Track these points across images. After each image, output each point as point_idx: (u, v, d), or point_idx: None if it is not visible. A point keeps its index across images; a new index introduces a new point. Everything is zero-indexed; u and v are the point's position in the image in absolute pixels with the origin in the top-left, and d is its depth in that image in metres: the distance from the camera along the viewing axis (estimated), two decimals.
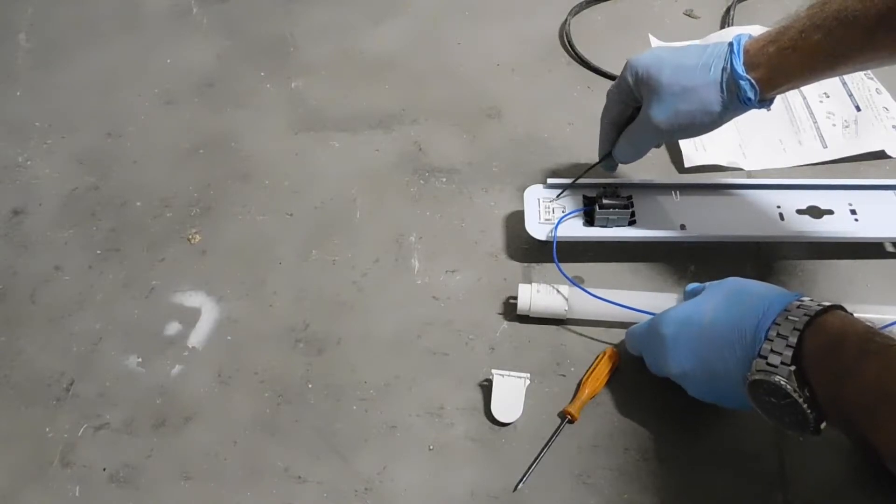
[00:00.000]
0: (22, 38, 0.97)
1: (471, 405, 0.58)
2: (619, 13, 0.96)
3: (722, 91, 0.56)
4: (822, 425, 0.44)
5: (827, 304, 0.45)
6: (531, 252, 0.68)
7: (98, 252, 0.71)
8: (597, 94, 0.85)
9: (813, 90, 0.82)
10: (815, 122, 0.78)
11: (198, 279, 0.68)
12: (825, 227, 0.65)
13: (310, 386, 0.60)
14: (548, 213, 0.67)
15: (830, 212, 0.66)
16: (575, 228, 0.66)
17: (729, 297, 0.50)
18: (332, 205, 0.74)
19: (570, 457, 0.55)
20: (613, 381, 0.59)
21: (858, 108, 0.79)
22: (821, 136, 0.77)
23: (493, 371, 0.58)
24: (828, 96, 0.81)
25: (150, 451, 0.57)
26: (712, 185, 0.70)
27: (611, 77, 0.86)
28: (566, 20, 0.94)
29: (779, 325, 0.45)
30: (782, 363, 0.43)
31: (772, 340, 0.44)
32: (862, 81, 0.81)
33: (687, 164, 0.75)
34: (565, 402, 0.58)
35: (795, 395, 0.43)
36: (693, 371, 0.51)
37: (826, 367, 0.43)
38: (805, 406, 0.43)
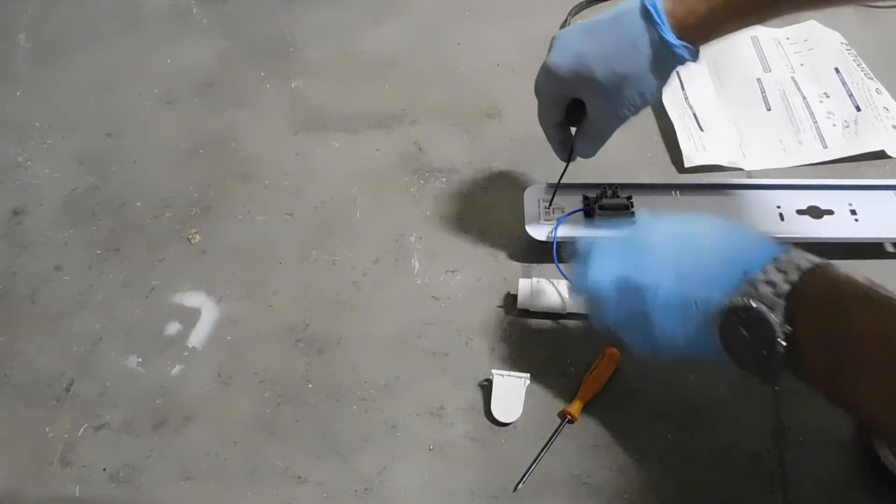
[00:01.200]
0: (22, 38, 0.97)
1: (471, 405, 0.58)
2: None
3: (660, 66, 0.55)
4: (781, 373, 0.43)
5: (821, 260, 0.44)
6: (531, 252, 0.68)
7: (98, 252, 0.71)
8: None
9: (813, 90, 0.82)
10: (815, 122, 0.78)
11: (198, 279, 0.68)
12: (825, 228, 0.65)
13: (310, 386, 0.60)
14: (548, 214, 0.67)
15: (830, 212, 0.66)
16: (575, 229, 0.66)
17: (729, 226, 0.49)
18: (332, 205, 0.74)
19: (570, 457, 0.55)
20: (613, 381, 0.59)
21: (858, 108, 0.79)
22: (821, 136, 0.77)
23: (493, 371, 0.58)
24: (828, 96, 0.81)
25: (150, 451, 0.57)
26: (712, 185, 0.70)
27: None
28: (566, 20, 0.94)
29: (779, 260, 0.43)
30: (774, 294, 0.42)
31: (767, 272, 0.43)
32: (862, 81, 0.81)
33: (687, 165, 0.75)
34: (565, 402, 0.58)
35: (778, 329, 0.41)
36: (667, 291, 0.47)
37: (822, 310, 0.41)
38: (781, 344, 0.41)
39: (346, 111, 0.84)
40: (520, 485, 0.54)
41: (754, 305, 0.42)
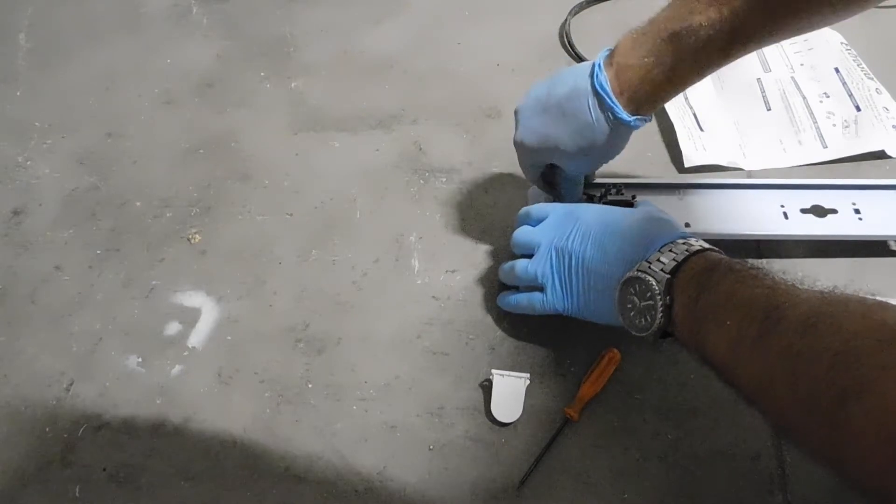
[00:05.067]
0: (22, 38, 0.97)
1: (471, 405, 0.58)
2: (619, 13, 0.96)
3: (618, 135, 0.58)
4: (665, 339, 0.50)
5: (710, 247, 0.51)
6: None
7: (98, 252, 0.71)
8: None
9: (813, 90, 0.82)
10: (815, 122, 0.78)
11: (198, 279, 0.68)
12: (829, 226, 0.65)
13: (310, 386, 0.60)
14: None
15: (834, 211, 0.66)
16: None
17: (648, 214, 0.56)
18: (332, 205, 0.74)
19: (570, 457, 0.55)
20: (613, 381, 0.59)
21: (858, 108, 0.79)
22: (821, 136, 0.77)
23: (493, 371, 0.58)
24: (828, 96, 0.81)
25: (150, 451, 0.57)
26: (717, 184, 0.70)
27: None
28: (566, 20, 0.94)
29: (674, 243, 0.51)
30: (662, 270, 0.49)
31: (662, 252, 0.50)
32: (862, 81, 0.81)
33: (687, 164, 0.75)
34: (565, 402, 0.58)
35: (658, 298, 0.48)
36: (590, 260, 0.55)
37: (694, 282, 0.47)
38: (660, 310, 0.48)
39: (346, 111, 0.84)
40: (521, 484, 0.53)
41: (643, 278, 0.49)
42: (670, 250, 0.50)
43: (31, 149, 0.82)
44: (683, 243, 0.50)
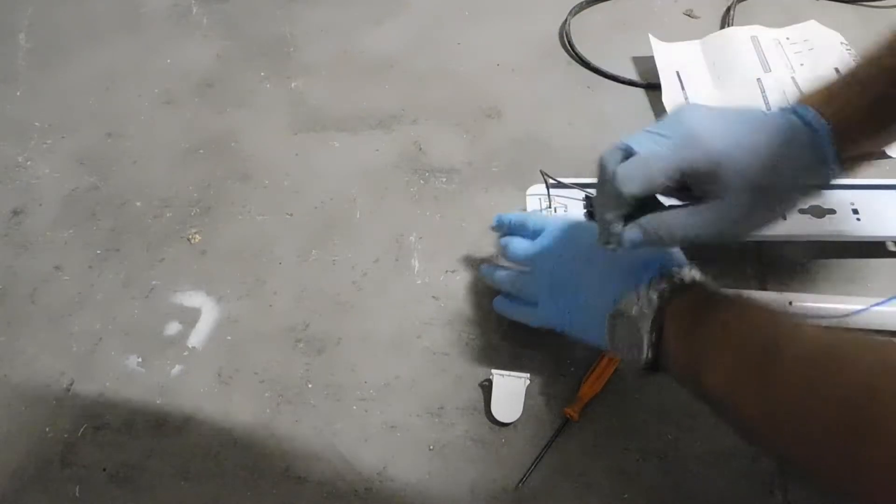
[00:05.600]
0: (22, 38, 0.97)
1: (471, 405, 0.58)
2: (619, 13, 0.96)
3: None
4: (657, 373, 0.49)
5: (705, 277, 0.49)
6: None
7: (98, 252, 0.71)
8: (597, 94, 0.85)
9: None
10: None
11: (198, 279, 0.68)
12: (827, 227, 0.65)
13: (310, 386, 0.60)
14: (550, 213, 0.67)
15: (833, 211, 0.66)
16: None
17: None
18: (332, 205, 0.74)
19: (570, 457, 0.55)
20: (613, 381, 0.58)
21: None
22: None
23: (493, 371, 0.58)
24: None
25: (150, 451, 0.57)
26: None
27: (611, 77, 0.86)
28: (566, 20, 0.94)
29: (664, 274, 0.49)
30: (649, 306, 0.47)
31: (651, 285, 0.48)
32: None
33: None
34: (565, 402, 0.58)
35: (644, 335, 0.47)
36: (586, 292, 0.53)
37: (684, 318, 0.46)
38: (646, 347, 0.47)
39: (346, 111, 0.84)
40: (520, 484, 0.53)
41: (629, 314, 0.48)
42: (661, 282, 0.48)
43: (31, 149, 0.82)
44: (675, 275, 0.49)
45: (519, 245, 0.60)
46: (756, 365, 0.40)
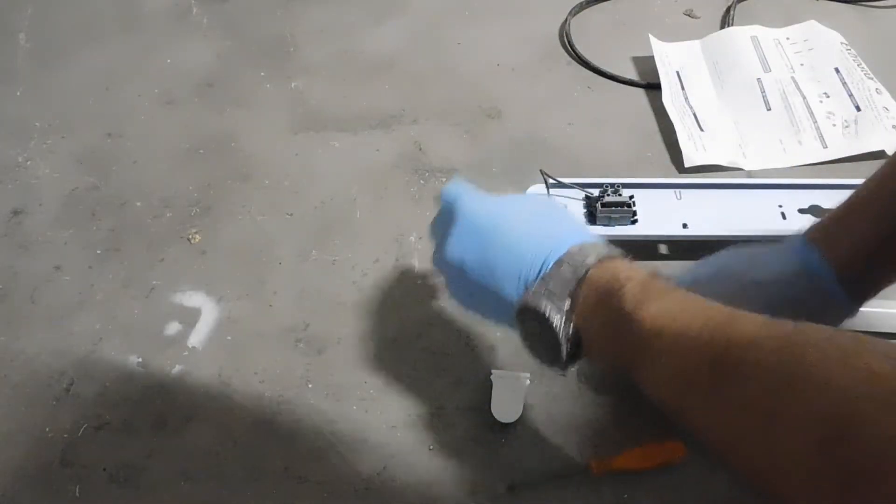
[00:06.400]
0: (22, 38, 0.97)
1: (471, 405, 0.58)
2: (619, 13, 0.97)
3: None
4: (573, 364, 0.45)
5: (617, 252, 0.45)
6: None
7: (98, 252, 0.71)
8: (597, 94, 0.85)
9: (813, 90, 0.82)
10: (815, 122, 0.78)
11: (198, 279, 0.68)
12: None
13: (310, 386, 0.60)
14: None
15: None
16: None
17: (536, 214, 0.48)
18: (332, 205, 0.74)
19: (570, 457, 0.55)
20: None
21: (858, 108, 0.79)
22: (821, 136, 0.77)
23: (493, 371, 0.58)
24: (828, 96, 0.81)
25: (150, 451, 0.57)
26: (714, 184, 0.70)
27: (611, 77, 0.86)
28: (566, 20, 0.94)
29: (569, 253, 0.44)
30: (561, 294, 0.43)
31: (559, 265, 0.43)
32: (862, 81, 0.81)
33: (687, 164, 0.75)
34: (566, 401, 0.57)
35: (559, 330, 0.42)
36: (473, 267, 0.47)
37: (605, 309, 0.42)
38: (564, 342, 0.43)
39: (346, 111, 0.84)
40: (520, 484, 0.53)
41: (538, 307, 0.43)
42: (567, 262, 0.43)
43: (31, 149, 0.82)
44: (578, 252, 0.44)
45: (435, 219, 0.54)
46: (707, 376, 0.35)
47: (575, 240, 0.45)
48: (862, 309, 0.51)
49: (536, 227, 0.46)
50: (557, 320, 0.42)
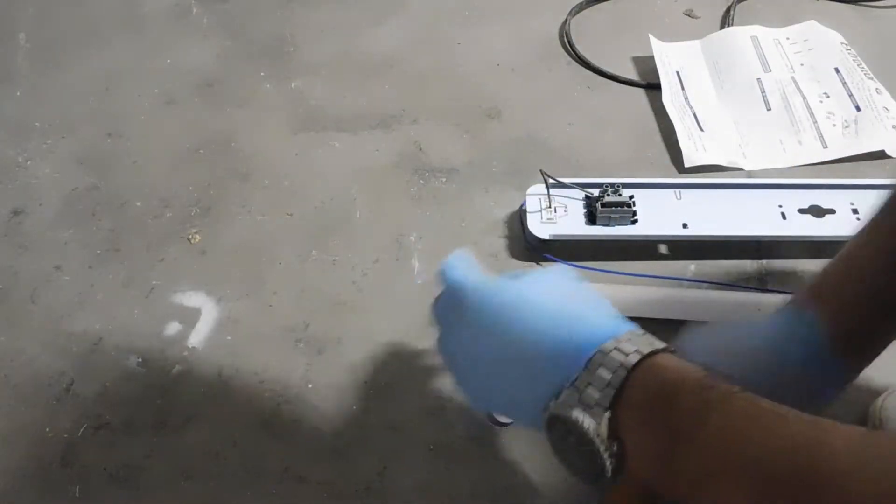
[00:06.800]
0: (22, 38, 0.97)
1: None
2: (619, 13, 0.96)
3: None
4: (617, 480, 0.36)
5: (661, 344, 0.37)
6: (531, 251, 0.68)
7: (98, 252, 0.71)
8: (597, 94, 0.85)
9: (813, 90, 0.82)
10: (815, 122, 0.78)
11: (198, 279, 0.68)
12: (827, 227, 0.65)
13: (310, 386, 0.60)
14: (550, 213, 0.67)
15: (832, 211, 0.66)
16: (577, 227, 0.66)
17: (557, 303, 0.40)
18: (332, 205, 0.74)
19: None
20: None
21: (858, 108, 0.79)
22: (821, 136, 0.77)
23: None
24: (828, 96, 0.81)
25: (150, 451, 0.57)
26: (714, 184, 0.70)
27: (611, 77, 0.86)
28: (566, 20, 0.94)
29: (603, 352, 0.36)
30: (598, 404, 0.35)
31: (592, 369, 0.35)
32: (862, 81, 0.81)
33: (687, 164, 0.75)
34: None
35: (601, 447, 0.35)
36: (487, 370, 0.41)
37: (656, 422, 0.34)
38: (608, 460, 0.35)
39: (346, 111, 0.84)
40: (519, 484, 0.53)
41: (577, 422, 0.35)
42: (603, 365, 0.35)
43: (31, 149, 0.82)
44: (615, 348, 0.36)
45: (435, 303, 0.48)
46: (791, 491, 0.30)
47: (607, 331, 0.37)
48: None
49: (561, 320, 0.39)
50: (596, 435, 0.35)
